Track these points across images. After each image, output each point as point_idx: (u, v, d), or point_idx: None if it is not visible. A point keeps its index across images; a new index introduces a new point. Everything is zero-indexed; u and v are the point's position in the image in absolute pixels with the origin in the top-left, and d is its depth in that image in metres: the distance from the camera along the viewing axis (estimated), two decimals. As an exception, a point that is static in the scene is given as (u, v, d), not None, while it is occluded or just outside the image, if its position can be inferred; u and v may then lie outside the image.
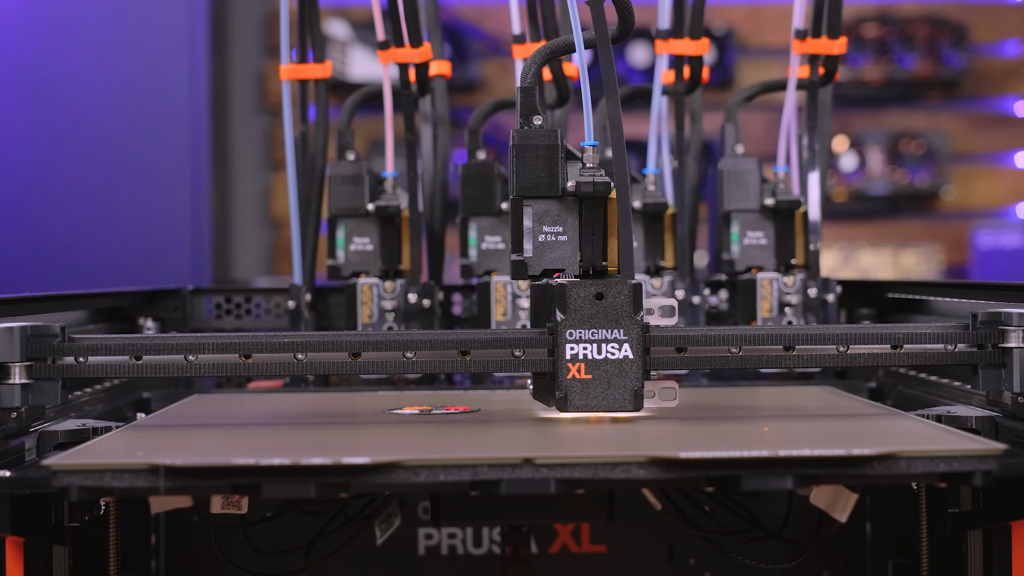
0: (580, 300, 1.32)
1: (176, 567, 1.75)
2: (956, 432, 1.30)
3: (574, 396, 1.33)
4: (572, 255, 1.34)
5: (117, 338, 1.36)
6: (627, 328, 1.32)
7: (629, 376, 1.33)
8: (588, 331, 1.33)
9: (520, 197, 1.33)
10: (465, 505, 1.33)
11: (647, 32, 4.36)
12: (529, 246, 1.33)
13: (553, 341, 1.33)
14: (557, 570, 1.75)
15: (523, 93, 1.35)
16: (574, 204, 1.34)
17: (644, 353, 1.33)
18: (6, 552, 1.24)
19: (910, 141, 4.45)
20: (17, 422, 1.34)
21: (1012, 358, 1.35)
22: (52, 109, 4.03)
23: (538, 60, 1.38)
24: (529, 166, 1.33)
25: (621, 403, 1.33)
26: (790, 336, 1.36)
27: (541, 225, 1.33)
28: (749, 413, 1.52)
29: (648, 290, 1.82)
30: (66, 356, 1.34)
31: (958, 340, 1.37)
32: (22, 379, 1.32)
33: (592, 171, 1.32)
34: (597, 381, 1.33)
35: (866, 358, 1.37)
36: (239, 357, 1.35)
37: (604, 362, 1.33)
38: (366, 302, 1.81)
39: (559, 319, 1.32)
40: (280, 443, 1.32)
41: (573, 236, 1.34)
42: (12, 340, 1.31)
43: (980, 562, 1.37)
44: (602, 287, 1.32)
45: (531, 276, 1.34)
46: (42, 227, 4.02)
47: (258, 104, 4.49)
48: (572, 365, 1.32)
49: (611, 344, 1.33)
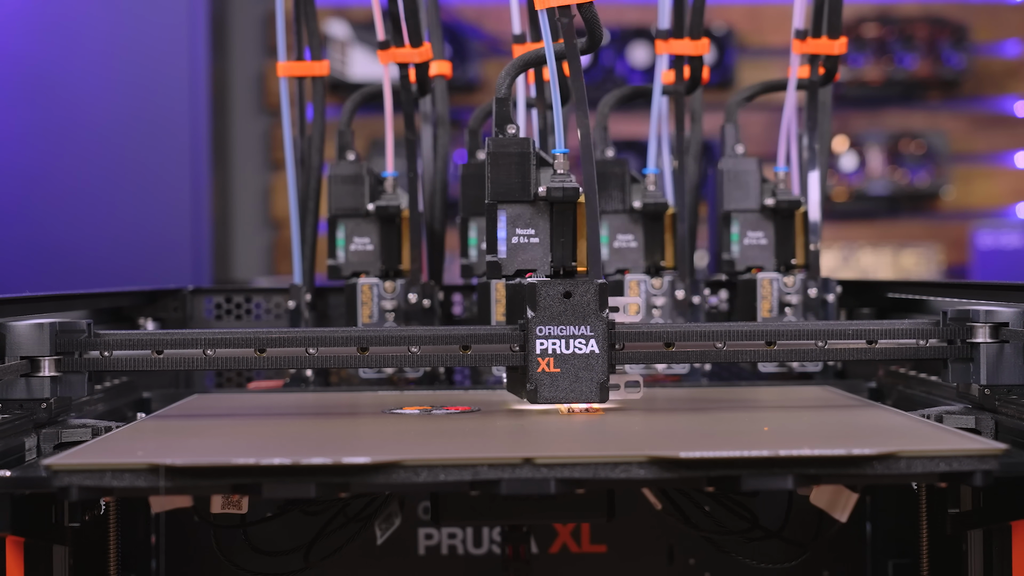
0: (549, 298, 1.40)
1: (176, 567, 1.75)
2: (956, 432, 1.30)
3: (543, 388, 1.40)
4: (543, 256, 1.42)
5: (140, 333, 1.46)
6: (593, 324, 1.40)
7: (595, 370, 1.40)
8: (557, 327, 1.40)
9: (495, 201, 1.41)
10: (465, 505, 1.34)
11: (647, 32, 4.37)
12: (503, 248, 1.41)
13: (524, 337, 1.40)
14: (557, 570, 1.75)
15: (498, 103, 1.42)
16: (545, 208, 1.42)
17: (610, 348, 1.41)
18: (6, 552, 1.25)
19: (910, 141, 4.45)
20: (47, 412, 1.42)
21: (979, 352, 1.44)
22: (52, 109, 4.03)
23: (512, 72, 1.44)
24: (503, 172, 1.41)
25: (588, 395, 1.40)
26: (770, 332, 1.45)
27: (514, 228, 1.42)
28: (749, 413, 1.52)
29: (648, 290, 1.82)
30: (92, 350, 1.43)
31: (929, 336, 1.46)
32: (51, 372, 1.41)
33: (562, 177, 1.40)
34: (565, 374, 1.40)
35: (842, 352, 1.46)
36: (254, 351, 1.43)
37: (572, 356, 1.40)
38: (366, 302, 1.81)
39: (530, 316, 1.40)
40: (280, 443, 1.32)
41: (544, 238, 1.42)
42: (42, 335, 1.41)
43: (980, 562, 1.37)
44: (570, 286, 1.40)
45: (505, 276, 1.42)
46: (42, 227, 4.02)
47: (258, 104, 4.49)
48: (542, 359, 1.40)
49: (578, 340, 1.40)
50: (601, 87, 4.26)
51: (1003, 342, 1.43)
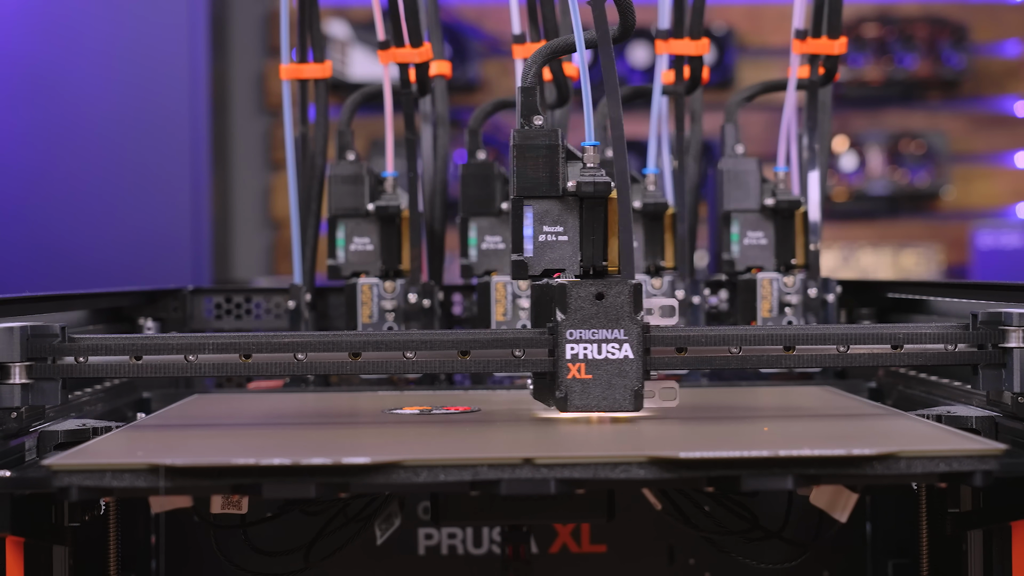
0: (580, 300, 1.32)
1: (176, 567, 1.75)
2: (956, 432, 1.30)
3: (574, 396, 1.33)
4: (572, 255, 1.34)
5: (117, 338, 1.36)
6: (627, 328, 1.32)
7: (629, 376, 1.33)
8: (588, 331, 1.32)
9: (521, 197, 1.33)
10: (465, 505, 1.33)
11: (647, 32, 4.36)
12: (530, 246, 1.33)
13: (553, 341, 1.33)
14: (557, 570, 1.75)
15: (524, 93, 1.35)
16: (574, 204, 1.33)
17: (644, 353, 1.33)
18: (6, 552, 1.24)
19: (910, 141, 4.45)
20: (17, 422, 1.34)
21: (1012, 358, 1.35)
22: (52, 109, 4.03)
23: (539, 60, 1.37)
24: (530, 166, 1.33)
25: (621, 403, 1.33)
26: (790, 336, 1.36)
27: (542, 225, 1.33)
28: (749, 413, 1.52)
29: (648, 290, 1.82)
30: (66, 356, 1.34)
31: (958, 340, 1.37)
32: (22, 379, 1.32)
33: (593, 171, 1.32)
34: (597, 381, 1.32)
35: (866, 358, 1.37)
36: (239, 357, 1.35)
37: (604, 362, 1.32)
38: (366, 302, 1.81)
39: (559, 319, 1.32)
40: (280, 443, 1.32)
41: (574, 236, 1.34)
42: (12, 340, 1.31)
43: (980, 562, 1.37)
44: (602, 287, 1.32)
45: (531, 276, 1.34)
46: (42, 227, 4.02)
47: (258, 104, 4.49)
48: (572, 365, 1.32)
49: (611, 344, 1.32)
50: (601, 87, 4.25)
51: None
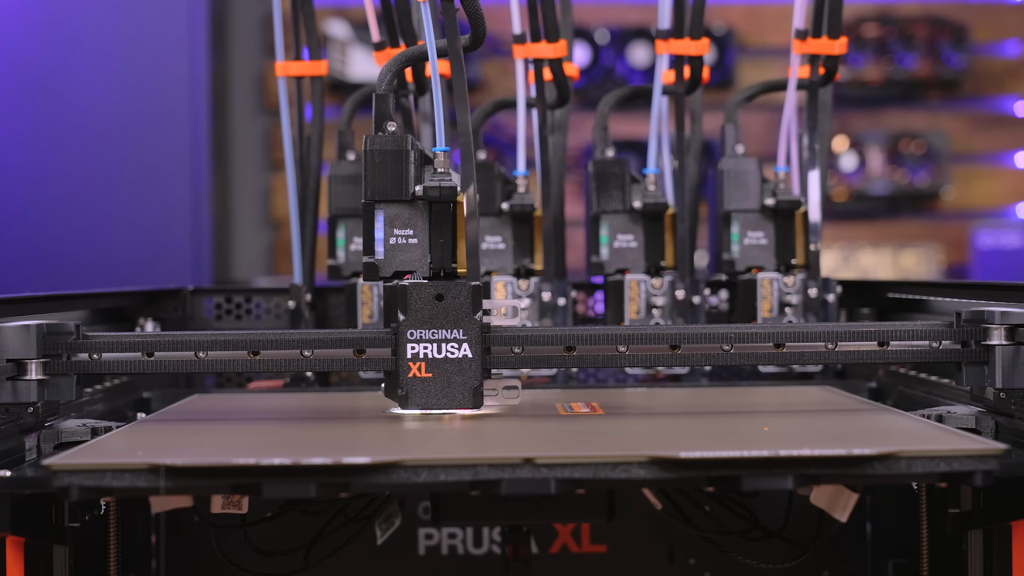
0: (421, 301, 1.37)
1: (176, 567, 1.75)
2: (956, 432, 1.30)
3: (415, 394, 1.37)
4: (422, 257, 1.38)
5: (130, 335, 1.40)
6: (466, 328, 1.37)
7: (468, 374, 1.37)
8: (428, 331, 1.37)
9: (372, 201, 1.37)
10: (465, 505, 1.34)
11: (647, 32, 4.36)
12: (381, 248, 1.37)
13: (395, 341, 1.37)
14: (557, 570, 1.75)
15: (378, 100, 1.38)
16: (424, 208, 1.38)
17: (484, 352, 1.38)
18: (6, 552, 1.25)
19: (910, 141, 4.45)
20: (34, 417, 1.38)
21: (994, 355, 1.38)
22: (52, 109, 4.03)
23: (394, 67, 1.41)
24: (379, 171, 1.37)
25: (461, 401, 1.37)
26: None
27: (392, 228, 1.37)
28: (749, 413, 1.52)
29: (648, 290, 1.82)
30: (80, 353, 1.38)
31: (943, 337, 1.41)
32: (38, 375, 1.36)
33: (442, 176, 1.37)
34: (437, 379, 1.37)
35: (852, 355, 1.41)
36: (248, 354, 1.39)
37: (444, 361, 1.37)
38: (366, 302, 1.81)
39: (401, 319, 1.37)
40: (280, 443, 1.32)
41: (423, 239, 1.38)
42: (29, 337, 1.35)
43: (980, 562, 1.37)
44: (442, 288, 1.37)
45: (382, 278, 1.38)
46: (42, 227, 4.02)
47: (258, 104, 4.49)
48: (413, 364, 1.37)
49: (451, 343, 1.37)
50: (601, 87, 4.26)
51: (1019, 344, 1.37)
